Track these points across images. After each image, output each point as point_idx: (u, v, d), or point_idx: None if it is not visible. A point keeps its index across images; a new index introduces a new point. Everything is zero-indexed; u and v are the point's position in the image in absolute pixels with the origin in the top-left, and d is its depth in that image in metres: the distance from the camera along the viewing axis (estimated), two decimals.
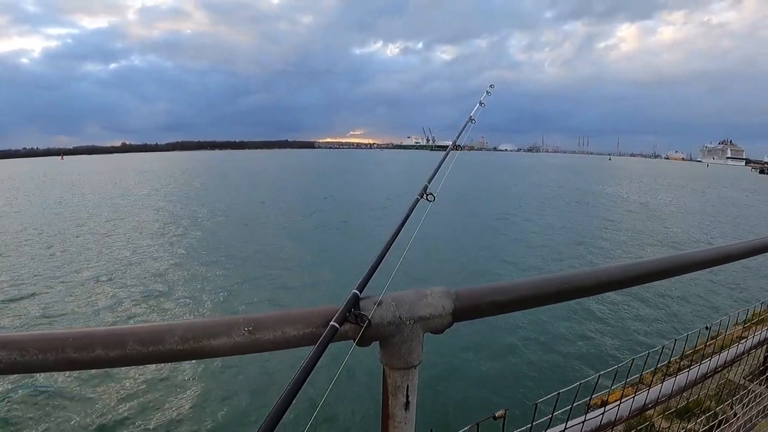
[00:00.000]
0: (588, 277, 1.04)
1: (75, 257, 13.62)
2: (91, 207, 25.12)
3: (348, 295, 0.80)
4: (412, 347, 0.83)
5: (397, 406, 0.86)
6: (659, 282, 1.19)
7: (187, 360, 0.78)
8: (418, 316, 0.83)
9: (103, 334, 0.77)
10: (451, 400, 5.83)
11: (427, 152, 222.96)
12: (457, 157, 1.23)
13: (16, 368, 0.77)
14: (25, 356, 0.76)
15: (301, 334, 0.77)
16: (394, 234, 0.93)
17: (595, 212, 24.26)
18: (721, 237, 18.11)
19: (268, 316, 0.78)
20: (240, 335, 0.75)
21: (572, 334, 7.91)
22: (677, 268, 1.16)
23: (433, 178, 1.11)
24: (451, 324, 0.87)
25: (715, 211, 27.18)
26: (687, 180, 60.80)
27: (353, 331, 0.79)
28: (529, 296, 0.96)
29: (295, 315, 0.78)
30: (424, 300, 0.84)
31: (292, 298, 10.03)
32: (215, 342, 0.75)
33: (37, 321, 8.62)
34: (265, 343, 0.76)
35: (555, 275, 1.00)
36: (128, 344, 0.75)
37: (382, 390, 0.86)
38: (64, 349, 0.76)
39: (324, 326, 0.76)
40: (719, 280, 11.10)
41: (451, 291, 0.87)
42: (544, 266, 12.94)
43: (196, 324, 0.77)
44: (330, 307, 0.80)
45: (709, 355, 1.43)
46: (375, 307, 0.80)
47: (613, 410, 1.19)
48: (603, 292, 1.07)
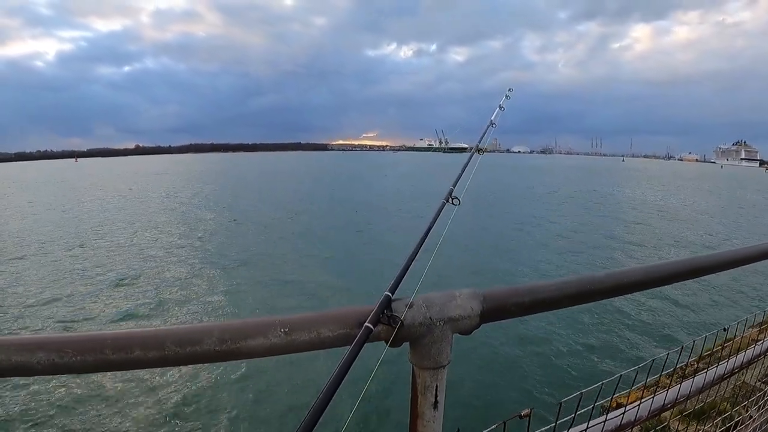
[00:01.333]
0: (611, 279, 1.05)
1: (106, 260, 13.85)
2: (113, 211, 25.39)
3: (380, 297, 0.81)
4: (442, 348, 0.85)
5: (426, 406, 0.87)
6: (681, 283, 1.20)
7: (224, 361, 0.79)
8: (448, 317, 0.84)
9: (141, 336, 0.78)
10: (477, 399, 5.93)
11: (440, 154, 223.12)
12: (479, 161, 1.25)
13: (55, 369, 0.78)
14: (64, 357, 0.77)
15: (335, 334, 0.79)
16: (423, 237, 0.95)
17: (616, 214, 24.16)
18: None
19: (303, 317, 0.80)
20: (276, 336, 0.77)
21: (594, 334, 8.02)
22: (699, 270, 1.17)
23: (458, 182, 1.13)
24: (478, 325, 0.88)
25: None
26: (701, 180, 60.07)
27: (386, 332, 0.80)
28: (554, 298, 0.97)
29: (329, 316, 0.80)
30: (454, 301, 0.86)
31: (317, 301, 10.12)
32: (252, 343, 0.77)
33: (65, 324, 8.73)
34: (301, 343, 0.78)
35: (578, 277, 1.02)
36: (166, 345, 0.77)
37: (411, 389, 0.88)
38: (103, 350, 0.77)
39: (358, 327, 0.78)
40: (740, 282, 11.05)
41: (479, 292, 0.89)
42: (567, 268, 13.02)
43: (232, 325, 0.78)
44: (362, 308, 0.81)
45: (726, 357, 1.44)
46: (407, 309, 0.81)
47: (633, 410, 1.20)
48: (626, 294, 1.08)
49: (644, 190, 40.06)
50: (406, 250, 0.91)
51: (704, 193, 39.28)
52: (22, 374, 0.79)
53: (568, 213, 24.36)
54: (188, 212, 24.08)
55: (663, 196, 34.99)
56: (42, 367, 0.77)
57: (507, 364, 6.89)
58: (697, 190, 43.63)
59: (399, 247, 14.50)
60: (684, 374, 1.35)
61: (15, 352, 0.76)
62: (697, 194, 38.12)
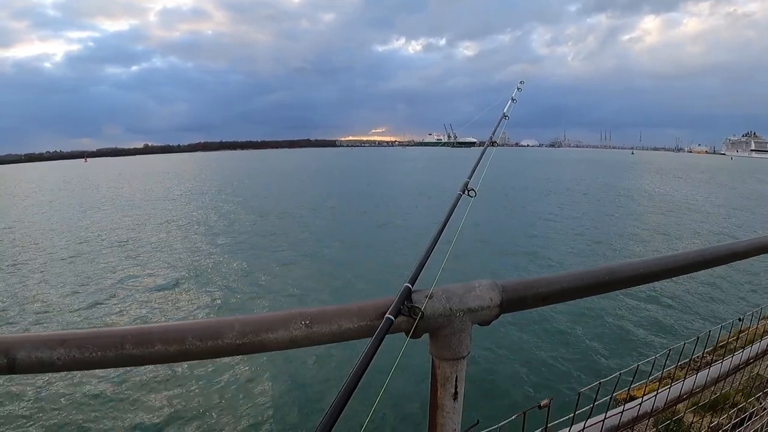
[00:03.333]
0: (628, 269, 1.05)
1: (131, 256, 14.00)
2: (128, 208, 25.52)
3: (401, 289, 0.81)
4: (462, 339, 0.85)
5: (446, 397, 0.87)
6: (699, 272, 1.20)
7: (245, 354, 0.79)
8: (468, 308, 0.84)
9: (162, 330, 0.78)
10: (496, 389, 5.95)
11: (449, 149, 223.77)
12: (494, 153, 1.25)
13: (75, 365, 0.78)
14: (85, 353, 0.77)
15: (356, 326, 0.79)
16: (440, 229, 0.95)
17: (631, 206, 23.99)
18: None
19: (324, 309, 0.80)
20: (297, 329, 0.77)
21: (612, 324, 8.05)
22: (716, 260, 1.17)
23: (473, 174, 1.13)
24: (498, 316, 0.88)
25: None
26: (715, 172, 59.18)
27: (407, 323, 0.80)
28: (571, 288, 0.97)
29: (350, 308, 0.80)
30: (473, 292, 0.86)
31: (334, 292, 10.18)
32: (273, 336, 0.77)
33: (86, 319, 8.82)
34: (322, 336, 0.78)
35: (595, 267, 1.01)
36: (187, 339, 0.77)
37: (431, 381, 0.88)
38: (124, 345, 0.77)
39: (378, 319, 0.78)
40: (757, 271, 11.01)
41: (498, 284, 0.89)
42: (584, 258, 13.07)
43: (253, 318, 0.78)
44: (382, 300, 0.81)
45: (740, 348, 1.43)
46: (427, 300, 0.81)
47: (649, 401, 1.19)
48: (643, 284, 1.08)
49: (661, 183, 39.46)
50: (423, 242, 0.90)
51: (720, 187, 38.36)
52: (42, 370, 0.79)
53: (583, 205, 24.22)
54: (202, 211, 24.15)
55: (684, 190, 34.39)
56: (63, 363, 0.77)
57: (525, 354, 6.91)
58: (711, 182, 42.81)
59: (414, 239, 14.63)
60: (699, 366, 1.35)
61: (35, 348, 0.76)
62: (713, 187, 37.40)
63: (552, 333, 7.63)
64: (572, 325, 7.91)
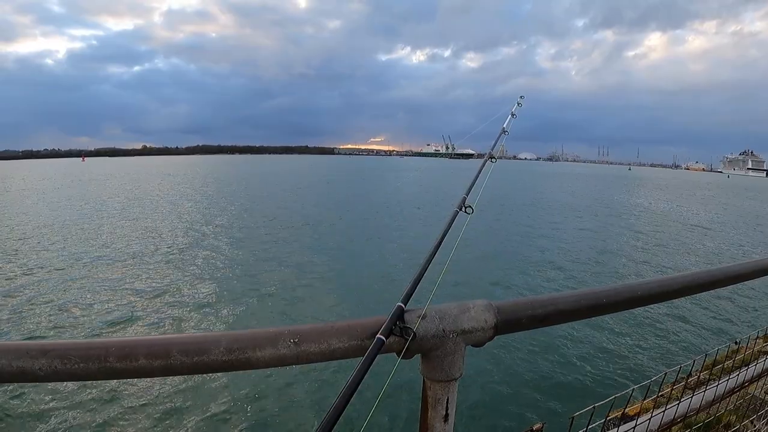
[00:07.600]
0: (625, 292, 1.03)
1: (116, 262, 13.60)
2: (122, 210, 25.16)
3: (393, 308, 0.79)
4: (454, 360, 0.83)
5: (437, 419, 0.85)
6: (697, 294, 1.18)
7: (231, 371, 0.77)
8: (461, 329, 0.83)
9: (147, 344, 0.77)
10: (488, 411, 5.79)
11: (447, 160, 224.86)
12: (492, 168, 1.23)
13: (57, 376, 0.76)
14: (67, 364, 0.75)
15: (346, 346, 0.77)
16: (435, 247, 0.93)
17: (632, 225, 23.79)
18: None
19: (314, 327, 0.78)
20: (285, 347, 0.75)
21: (607, 346, 7.94)
22: (716, 282, 1.15)
23: (471, 190, 1.11)
24: (492, 337, 0.87)
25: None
26: (716, 190, 59.09)
27: (398, 343, 0.78)
28: (568, 310, 0.95)
29: (340, 327, 0.78)
30: (467, 313, 0.84)
31: (326, 310, 9.79)
32: (261, 353, 0.75)
33: (66, 330, 8.57)
34: (311, 354, 0.76)
35: (592, 289, 1.00)
36: (172, 354, 0.75)
37: (421, 402, 0.86)
38: (107, 358, 0.75)
39: (369, 339, 0.76)
40: (755, 294, 10.99)
41: (493, 304, 0.87)
42: (581, 280, 12.90)
43: (241, 335, 0.76)
44: (374, 318, 0.80)
45: (735, 370, 1.42)
46: (419, 320, 0.80)
47: (643, 425, 1.18)
48: (640, 306, 1.06)
49: (664, 201, 39.29)
50: (417, 259, 0.89)
51: (730, 206, 38.15)
52: (23, 380, 0.77)
53: (582, 221, 24.06)
54: (190, 214, 23.90)
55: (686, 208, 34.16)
56: (44, 373, 0.75)
57: (517, 375, 6.77)
58: (713, 200, 42.69)
59: (407, 256, 14.42)
60: (694, 387, 1.33)
61: (17, 357, 0.74)
62: (719, 207, 37.27)
63: (546, 353, 7.53)
64: (567, 345, 7.81)
